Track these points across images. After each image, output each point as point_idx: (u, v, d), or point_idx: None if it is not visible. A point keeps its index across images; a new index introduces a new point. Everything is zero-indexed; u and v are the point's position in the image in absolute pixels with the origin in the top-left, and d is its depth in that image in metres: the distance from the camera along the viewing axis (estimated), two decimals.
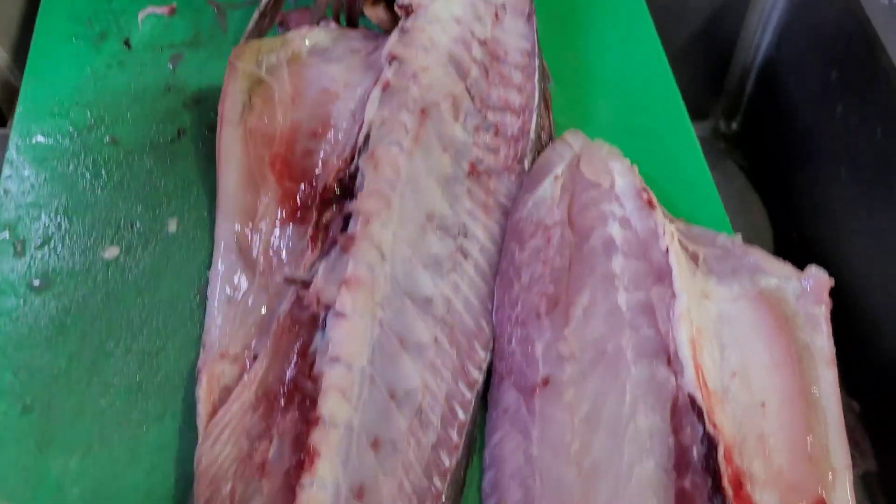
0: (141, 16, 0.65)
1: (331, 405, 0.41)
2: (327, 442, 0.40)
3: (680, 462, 0.41)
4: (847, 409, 0.76)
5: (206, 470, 0.40)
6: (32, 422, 0.46)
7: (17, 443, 0.45)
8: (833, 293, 0.48)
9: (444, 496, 0.42)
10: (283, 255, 0.47)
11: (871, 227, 0.73)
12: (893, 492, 0.72)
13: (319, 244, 0.46)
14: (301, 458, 0.40)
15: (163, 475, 0.44)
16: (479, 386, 0.46)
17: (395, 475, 0.41)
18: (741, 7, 0.89)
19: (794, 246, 0.86)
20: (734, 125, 1.00)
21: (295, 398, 0.42)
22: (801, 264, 0.49)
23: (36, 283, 0.51)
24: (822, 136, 0.81)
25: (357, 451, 0.40)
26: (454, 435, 0.43)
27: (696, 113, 0.77)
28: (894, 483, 0.72)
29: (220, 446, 0.41)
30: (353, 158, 0.49)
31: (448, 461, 0.42)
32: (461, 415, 0.44)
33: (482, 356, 0.46)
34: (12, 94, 0.73)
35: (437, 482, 0.42)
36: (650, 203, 0.50)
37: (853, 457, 0.71)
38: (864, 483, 0.73)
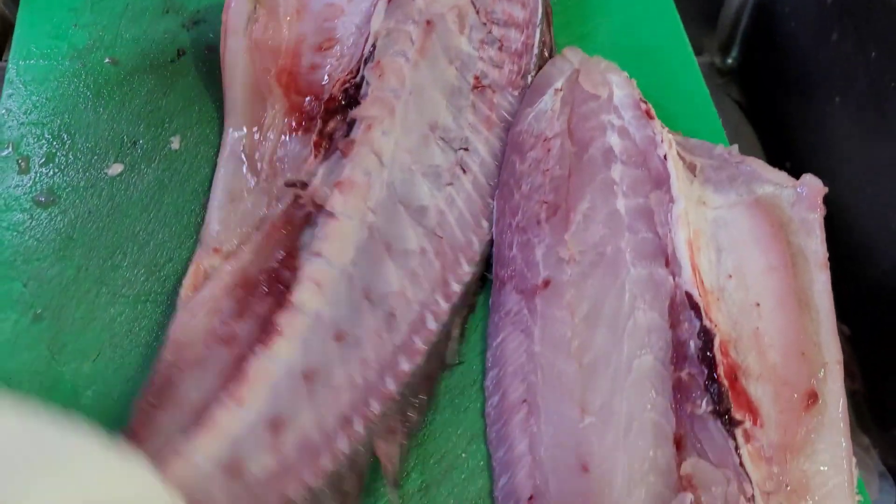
0: None
1: (304, 294, 0.42)
2: (292, 325, 0.41)
3: (677, 355, 0.42)
4: (838, 333, 0.78)
5: (175, 338, 0.42)
6: (44, 330, 0.47)
7: (29, 349, 0.46)
8: (825, 219, 0.49)
9: (395, 397, 0.43)
10: (287, 161, 0.47)
11: (864, 153, 0.74)
12: (880, 411, 0.74)
13: (322, 151, 0.47)
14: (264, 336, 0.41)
15: None
16: (455, 299, 0.46)
17: (350, 367, 0.42)
18: None
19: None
20: (730, 60, 1.00)
21: (274, 288, 0.43)
22: None
23: (41, 198, 0.52)
24: (817, 65, 0.81)
25: (320, 339, 0.41)
26: (419, 342, 0.44)
27: (692, 49, 0.77)
28: (881, 403, 0.74)
29: (194, 320, 0.42)
30: (358, 70, 0.49)
31: (406, 366, 0.43)
32: (431, 324, 0.45)
33: (466, 270, 0.47)
34: (7, 28, 0.72)
35: (390, 383, 0.42)
36: (648, 113, 0.50)
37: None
38: (853, 402, 0.75)
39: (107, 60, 0.58)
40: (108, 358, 0.46)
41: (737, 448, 0.39)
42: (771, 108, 0.92)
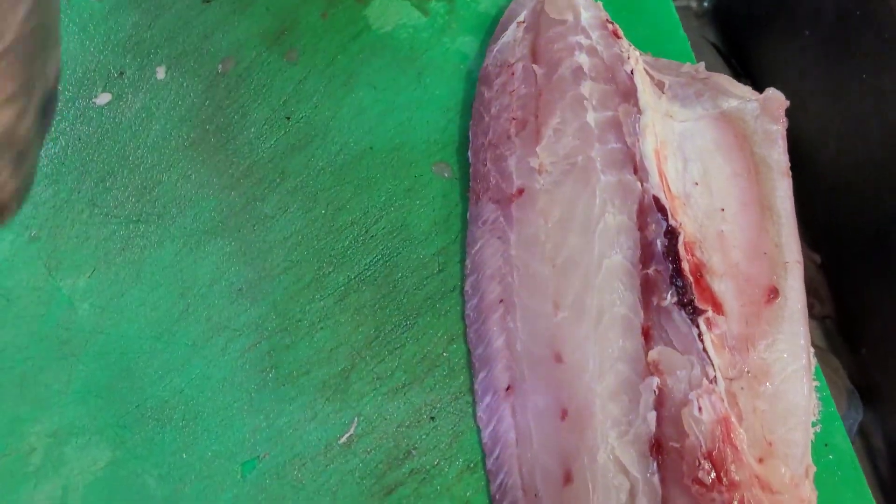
0: None
1: None
2: None
3: (645, 254, 0.45)
4: (808, 261, 0.82)
5: None
6: (40, 248, 0.49)
7: (27, 266, 0.48)
8: (793, 150, 0.51)
9: None
10: None
11: (830, 80, 0.76)
12: (849, 334, 0.77)
13: None
14: None
15: (165, 291, 0.48)
16: None
17: None
18: None
19: None
20: (705, 3, 1.01)
21: None
22: None
23: None
24: (788, 1, 0.83)
25: None
26: None
27: None
28: (850, 326, 0.77)
29: None
30: None
31: None
32: None
33: None
34: None
35: None
36: (615, 34, 0.52)
37: (813, 304, 0.77)
38: (823, 326, 0.78)
39: None
40: (103, 274, 0.48)
41: (700, 335, 0.42)
42: (746, 48, 0.94)
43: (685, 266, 0.43)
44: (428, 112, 0.54)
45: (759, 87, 0.89)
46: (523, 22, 0.54)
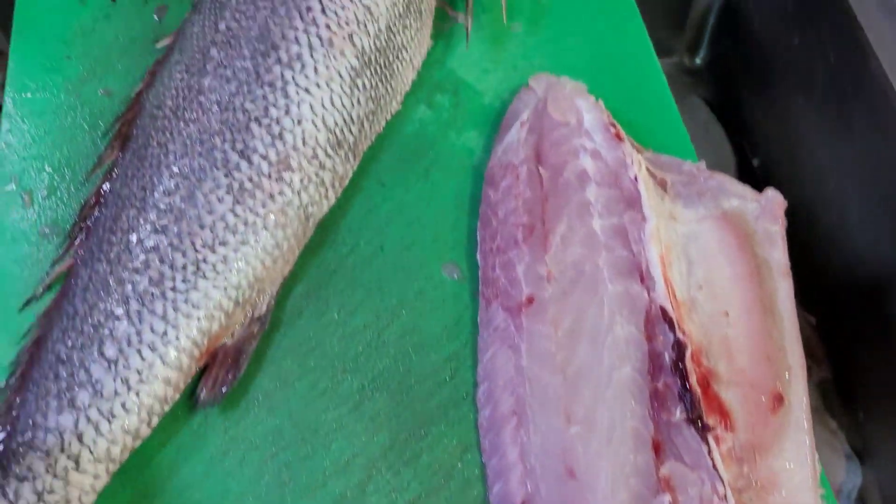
0: None
1: None
2: None
3: (653, 367, 0.46)
4: (804, 322, 0.83)
5: None
6: None
7: None
8: (790, 213, 0.53)
9: None
10: None
11: (826, 151, 0.78)
12: (847, 396, 0.79)
13: None
14: None
15: (181, 403, 0.48)
16: None
17: None
18: None
19: (755, 172, 0.90)
20: (697, 60, 1.03)
21: None
22: (762, 188, 0.54)
23: (46, 230, 0.54)
24: (781, 66, 0.85)
25: None
26: None
27: (661, 49, 0.80)
28: (847, 389, 0.79)
29: None
30: None
31: None
32: None
33: None
34: None
35: None
36: (618, 136, 0.54)
37: (810, 366, 0.78)
38: (820, 389, 0.80)
39: (101, 92, 0.60)
40: None
41: (709, 451, 0.43)
42: (738, 106, 0.96)
43: (693, 381, 0.45)
44: (437, 210, 0.55)
45: (753, 149, 0.91)
46: (526, 122, 0.55)
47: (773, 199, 0.52)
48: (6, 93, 0.60)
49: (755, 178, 0.90)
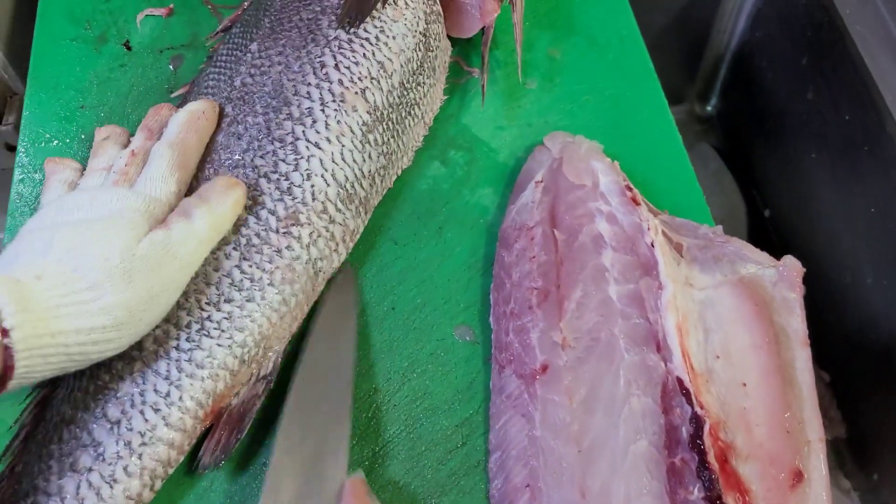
0: (139, 17, 0.67)
1: None
2: None
3: (670, 440, 0.45)
4: (818, 380, 0.82)
5: None
6: None
7: None
8: (805, 275, 0.52)
9: None
10: None
11: (838, 204, 0.78)
12: (860, 456, 0.78)
13: None
14: None
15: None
16: None
17: None
18: None
19: (766, 223, 0.90)
20: (709, 108, 1.04)
21: None
22: (773, 241, 0.53)
23: None
24: (794, 119, 0.85)
25: None
26: None
27: (673, 96, 0.81)
28: (862, 448, 0.77)
29: None
30: None
31: None
32: None
33: None
34: (5, 91, 0.74)
35: None
36: (634, 200, 0.53)
37: (823, 425, 0.77)
38: (834, 448, 0.78)
39: None
40: None
41: None
42: (749, 155, 0.95)
43: (711, 458, 0.44)
44: (449, 270, 0.55)
45: (764, 200, 0.91)
46: (541, 182, 0.55)
47: (791, 266, 0.51)
48: (20, 142, 0.60)
49: (766, 230, 0.89)
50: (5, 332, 0.38)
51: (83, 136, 0.60)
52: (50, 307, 0.39)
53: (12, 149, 0.72)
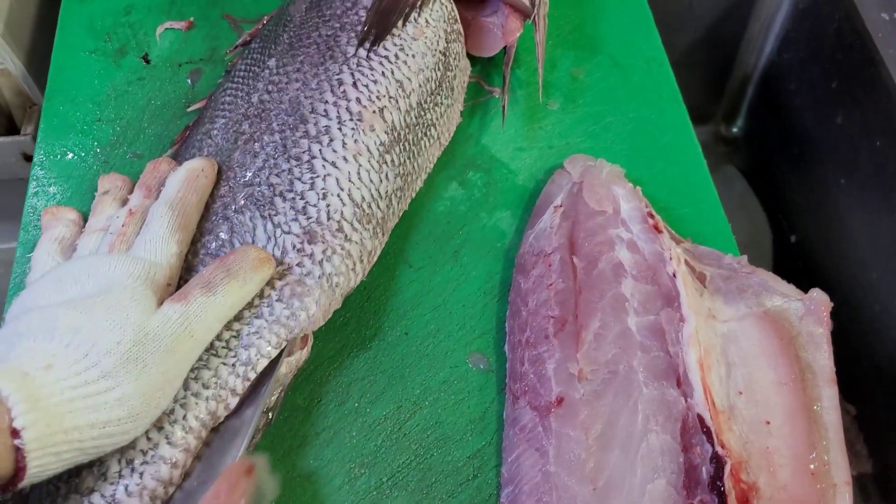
0: (159, 30, 0.66)
1: None
2: None
3: (690, 480, 0.43)
4: (843, 413, 0.79)
5: None
6: None
7: None
8: (833, 305, 0.50)
9: None
10: None
11: (867, 233, 0.76)
12: (888, 493, 0.75)
13: None
14: None
15: None
16: None
17: None
18: (744, 14, 0.91)
19: (792, 249, 0.88)
20: (734, 129, 1.02)
21: None
22: (798, 267, 0.51)
23: None
24: (822, 143, 0.83)
25: None
26: None
27: (698, 116, 0.79)
28: (889, 484, 0.75)
29: None
30: None
31: None
32: None
33: None
34: (24, 101, 0.74)
35: None
36: (657, 227, 0.52)
37: (850, 461, 0.74)
38: (860, 485, 0.76)
39: (129, 156, 0.60)
40: None
41: None
42: (775, 179, 0.93)
43: (732, 501, 0.42)
44: (464, 295, 0.54)
45: (790, 226, 0.89)
46: (560, 206, 0.54)
47: (819, 301, 0.50)
48: (35, 154, 0.60)
49: (792, 256, 0.87)
50: (16, 433, 0.35)
51: (98, 150, 0.60)
52: (63, 401, 0.37)
53: (29, 158, 0.71)
